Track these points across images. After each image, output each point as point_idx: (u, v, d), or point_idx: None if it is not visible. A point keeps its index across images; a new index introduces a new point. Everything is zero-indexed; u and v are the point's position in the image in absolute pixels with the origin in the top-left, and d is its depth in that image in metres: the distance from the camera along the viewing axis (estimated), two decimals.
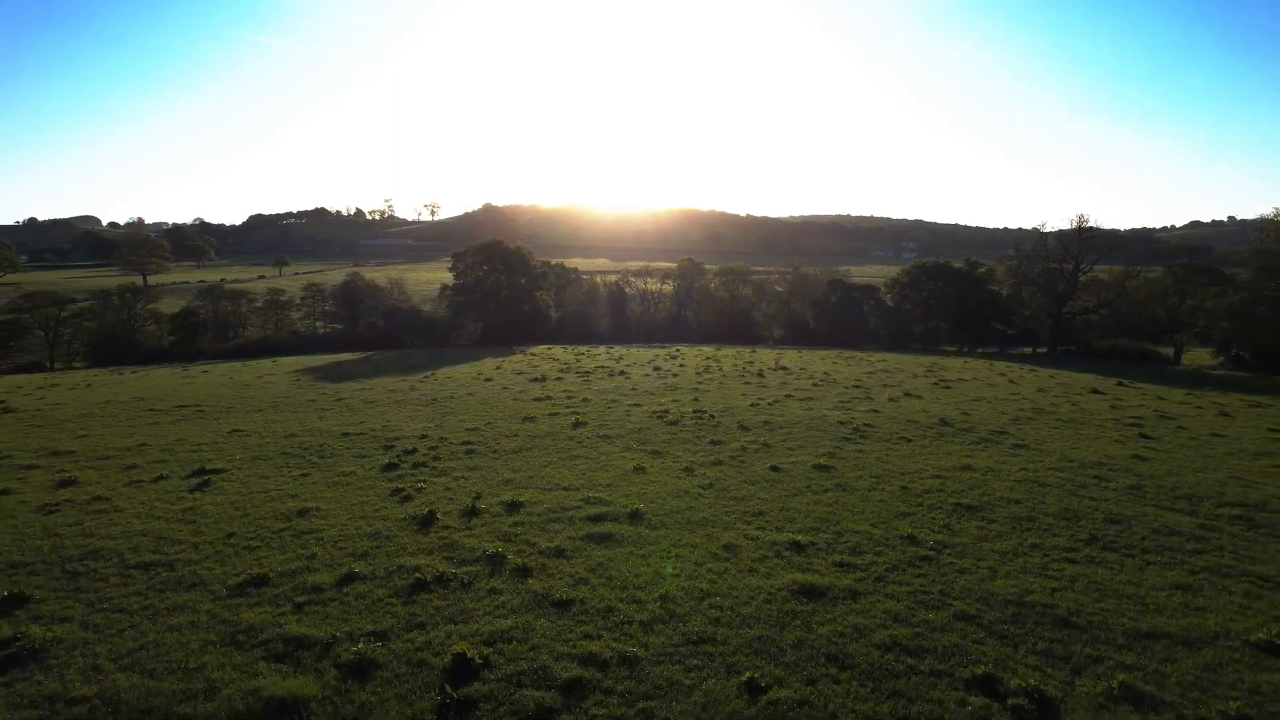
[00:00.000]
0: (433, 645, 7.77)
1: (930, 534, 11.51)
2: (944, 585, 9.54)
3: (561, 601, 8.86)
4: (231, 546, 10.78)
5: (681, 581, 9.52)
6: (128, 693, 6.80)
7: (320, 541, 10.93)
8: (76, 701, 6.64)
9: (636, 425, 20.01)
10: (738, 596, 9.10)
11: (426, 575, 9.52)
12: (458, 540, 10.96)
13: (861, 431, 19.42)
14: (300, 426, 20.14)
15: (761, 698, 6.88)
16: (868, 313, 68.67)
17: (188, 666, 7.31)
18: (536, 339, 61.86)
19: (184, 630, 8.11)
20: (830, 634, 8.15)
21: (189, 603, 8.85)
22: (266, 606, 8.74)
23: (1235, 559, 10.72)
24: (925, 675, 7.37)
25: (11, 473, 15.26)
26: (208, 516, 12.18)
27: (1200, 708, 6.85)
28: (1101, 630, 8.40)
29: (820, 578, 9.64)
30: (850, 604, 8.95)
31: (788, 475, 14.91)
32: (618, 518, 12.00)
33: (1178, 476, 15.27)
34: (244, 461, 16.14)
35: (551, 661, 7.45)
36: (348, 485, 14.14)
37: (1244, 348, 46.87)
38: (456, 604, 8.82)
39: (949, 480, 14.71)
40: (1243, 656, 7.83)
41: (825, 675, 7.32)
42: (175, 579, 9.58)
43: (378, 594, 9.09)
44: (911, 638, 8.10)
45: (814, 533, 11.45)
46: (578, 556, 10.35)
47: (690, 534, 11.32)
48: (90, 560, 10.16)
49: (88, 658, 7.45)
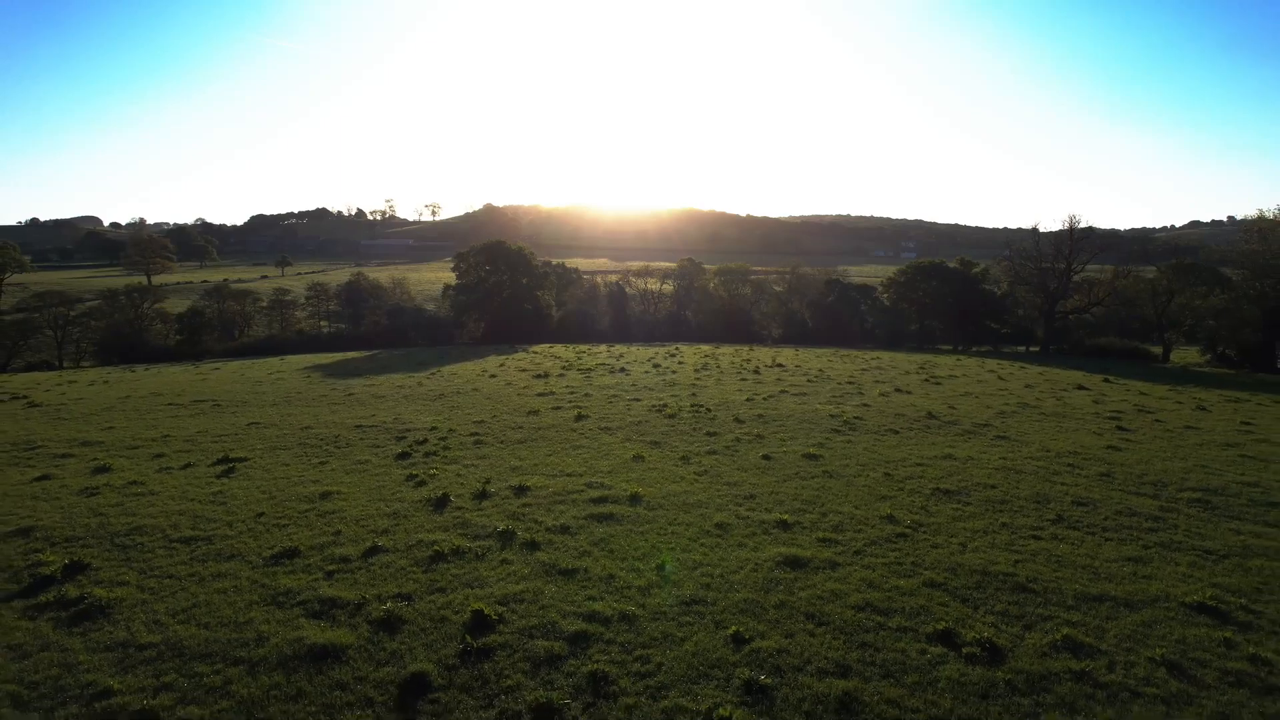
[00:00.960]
0: (453, 605, 8.69)
1: (908, 515, 12.42)
2: (916, 558, 10.46)
3: (567, 570, 9.79)
4: (262, 524, 11.70)
5: (676, 554, 10.45)
6: (188, 640, 7.73)
7: (344, 520, 11.86)
8: (145, 647, 7.57)
9: (636, 418, 20.93)
10: (727, 566, 10.02)
11: (444, 548, 10.44)
12: (470, 519, 11.89)
13: (851, 424, 20.33)
14: (314, 419, 21.07)
15: (745, 647, 7.80)
16: (865, 312, 69.60)
17: (237, 621, 8.24)
18: (538, 338, 62.76)
19: (229, 593, 9.04)
20: (809, 597, 9.07)
21: (230, 571, 9.78)
22: (300, 574, 9.67)
23: (1187, 536, 11.63)
24: (892, 630, 8.29)
25: (49, 460, 16.20)
26: (237, 499, 13.11)
27: (1131, 655, 7.78)
28: (1054, 594, 9.32)
29: (803, 551, 10.56)
30: (829, 573, 9.87)
31: (778, 463, 15.83)
32: (618, 500, 12.92)
33: (1146, 465, 16.18)
34: (264, 451, 17.06)
35: (559, 618, 8.38)
36: (364, 472, 15.07)
37: (1230, 345, 47.80)
38: (472, 572, 9.74)
39: (930, 468, 15.63)
40: (1176, 615, 8.75)
41: (803, 630, 8.24)
42: (215, 551, 10.50)
43: (400, 564, 10.01)
44: (882, 600, 9.02)
45: (800, 513, 12.37)
46: (581, 533, 11.27)
47: (685, 514, 12.24)
48: (135, 535, 11.09)
49: (148, 613, 8.38)
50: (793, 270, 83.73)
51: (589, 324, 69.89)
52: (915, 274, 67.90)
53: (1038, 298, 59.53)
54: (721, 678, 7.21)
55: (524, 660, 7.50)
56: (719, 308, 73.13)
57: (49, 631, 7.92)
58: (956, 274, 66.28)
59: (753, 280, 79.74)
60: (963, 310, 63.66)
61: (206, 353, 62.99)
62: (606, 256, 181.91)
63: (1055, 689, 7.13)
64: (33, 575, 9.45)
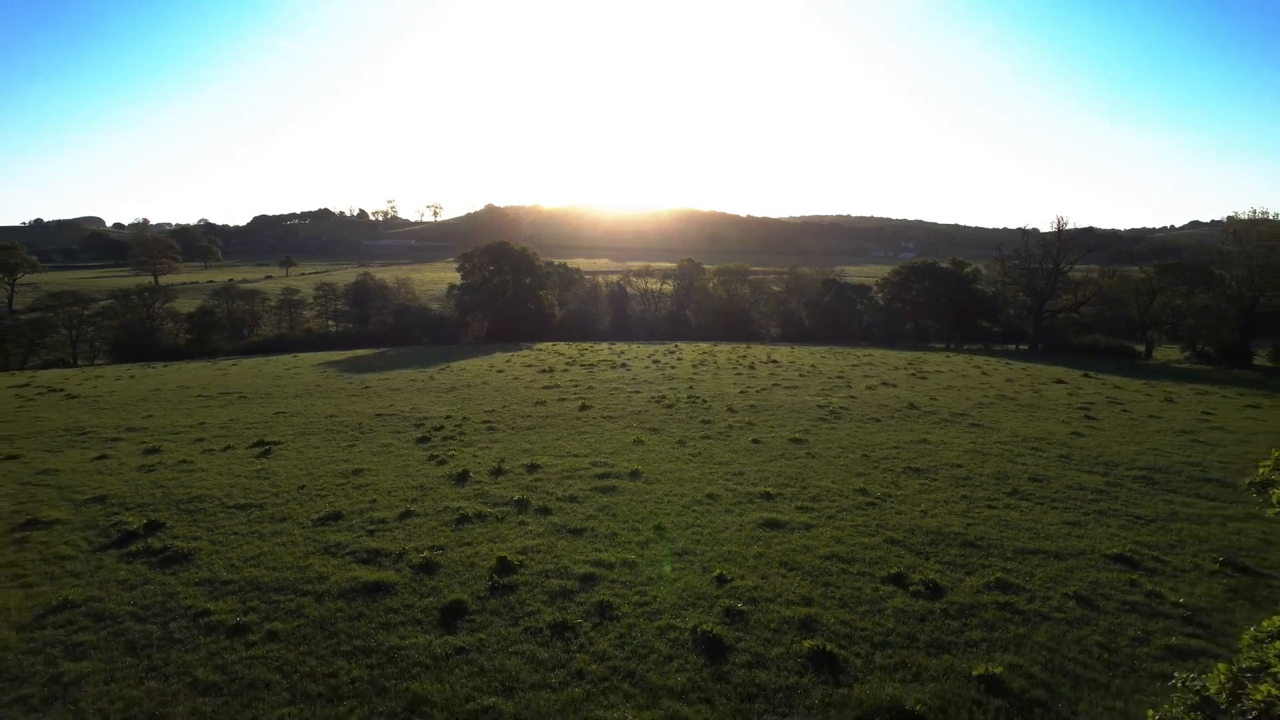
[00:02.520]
0: (479, 554, 10.22)
1: (880, 488, 13.94)
2: (881, 521, 11.97)
3: (576, 529, 11.31)
4: (305, 494, 13.23)
5: (671, 517, 11.97)
6: (262, 578, 9.26)
7: (376, 491, 13.39)
8: (227, 583, 9.11)
9: (636, 408, 22.44)
10: (715, 527, 11.54)
11: (468, 512, 11.96)
12: (489, 490, 13.41)
13: (836, 413, 21.84)
14: (337, 409, 22.60)
15: (726, 584, 9.31)
16: (861, 311, 71.08)
17: (299, 565, 9.77)
18: (541, 337, 64.26)
19: (288, 545, 10.57)
20: (784, 550, 10.59)
21: (284, 530, 11.30)
22: (345, 532, 11.20)
23: (1124, 505, 13.14)
24: (852, 574, 9.81)
25: (101, 443, 17.74)
26: (278, 475, 14.63)
27: (1049, 591, 9.30)
28: (996, 549, 10.83)
29: (782, 516, 12.08)
30: (804, 532, 11.39)
31: (766, 446, 17.34)
32: (620, 475, 14.44)
33: (1103, 448, 17.69)
34: (295, 435, 18.59)
35: (570, 564, 9.90)
36: (390, 453, 16.59)
37: (1209, 343, 49.34)
38: (494, 530, 11.27)
39: (905, 450, 17.14)
40: (1096, 563, 10.27)
41: (776, 573, 9.76)
42: (267, 515, 12.03)
43: (431, 524, 11.54)
44: (846, 552, 10.54)
45: (783, 486, 13.88)
46: (588, 501, 12.80)
47: (680, 487, 13.76)
48: (196, 502, 12.62)
49: (224, 560, 9.91)
50: (791, 270, 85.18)
51: (590, 323, 71.39)
52: (909, 274, 69.36)
53: (1027, 297, 61.02)
54: (706, 605, 8.73)
55: (542, 593, 9.02)
56: (718, 307, 74.61)
57: (145, 571, 9.47)
58: (949, 274, 67.76)
59: (751, 280, 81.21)
60: (956, 309, 65.12)
61: (218, 351, 64.50)
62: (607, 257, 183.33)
63: (981, 615, 8.65)
64: (119, 531, 11.00)
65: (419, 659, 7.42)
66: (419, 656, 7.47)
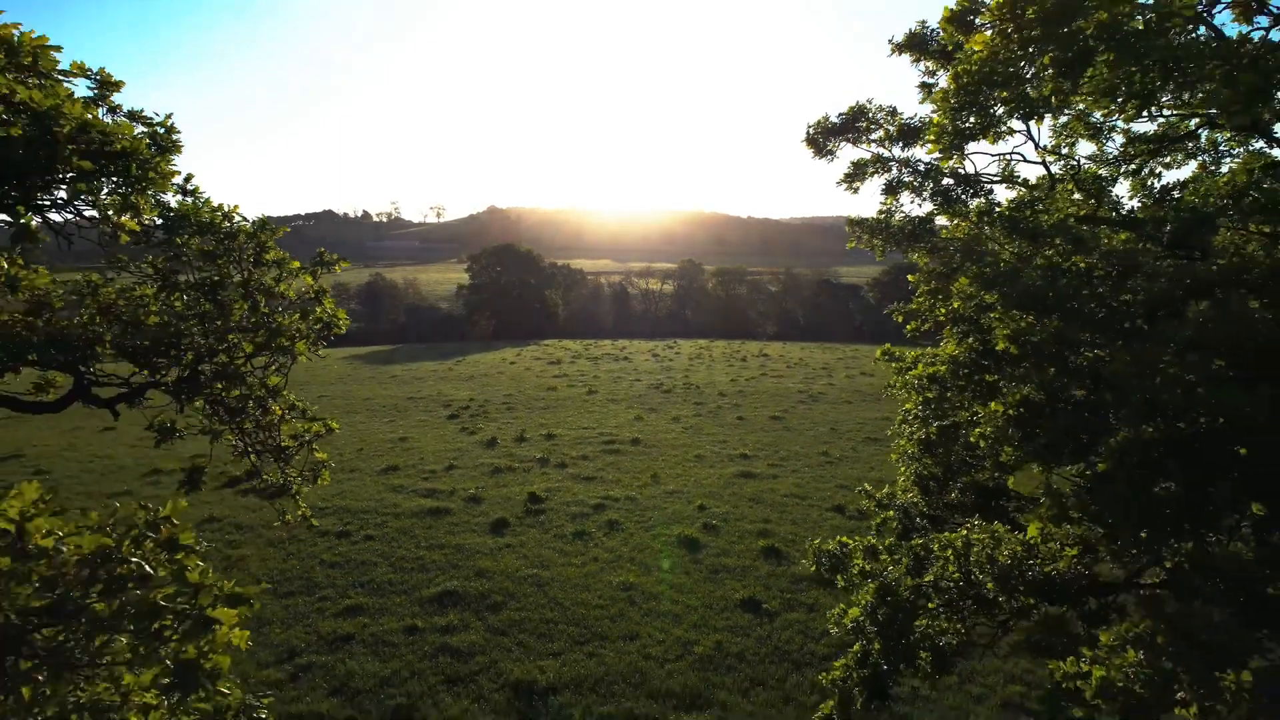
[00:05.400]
0: (514, 492, 13.06)
1: (839, 452, 16.75)
2: (835, 475, 14.79)
3: (588, 477, 14.15)
4: (363, 455, 16.08)
5: (665, 470, 14.80)
6: (350, 505, 12.11)
7: (423, 452, 16.23)
8: (323, 508, 11.96)
9: (638, 393, 25.26)
10: (700, 477, 14.37)
11: (500, 465, 14.81)
12: (515, 451, 16.26)
13: (815, 397, 24.65)
14: (371, 394, 25.46)
15: (705, 511, 12.15)
16: (853, 310, 73.90)
17: (376, 497, 12.62)
18: (546, 334, 67.12)
19: (364, 486, 13.42)
20: (753, 491, 13.42)
21: (356, 478, 14.15)
22: (405, 478, 14.04)
23: None
24: (805, 506, 12.63)
25: None
26: (337, 440, 17.44)
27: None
28: None
29: (756, 469, 14.91)
30: (771, 481, 14.21)
31: (749, 422, 20.16)
32: (623, 442, 17.27)
33: None
34: (340, 414, 21.37)
35: (585, 497, 12.75)
36: (427, 426, 19.44)
37: None
38: (523, 477, 14.11)
39: (869, 425, 19.94)
40: None
41: (745, 504, 12.59)
42: (339, 466, 14.85)
43: (472, 473, 14.38)
44: (802, 493, 13.36)
45: (759, 450, 16.70)
46: (597, 459, 15.63)
47: (673, 451, 16.59)
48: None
49: (315, 494, 12.76)
50: (787, 271, 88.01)
51: (593, 322, 74.27)
52: (898, 273, 72.18)
53: None
54: (689, 522, 11.57)
55: (565, 515, 11.87)
56: (717, 306, 77.46)
57: (258, 501, 12.32)
58: None
59: (749, 280, 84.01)
60: None
61: None
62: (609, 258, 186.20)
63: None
64: (226, 478, 13.84)
65: (480, 548, 10.28)
66: (479, 547, 10.33)
